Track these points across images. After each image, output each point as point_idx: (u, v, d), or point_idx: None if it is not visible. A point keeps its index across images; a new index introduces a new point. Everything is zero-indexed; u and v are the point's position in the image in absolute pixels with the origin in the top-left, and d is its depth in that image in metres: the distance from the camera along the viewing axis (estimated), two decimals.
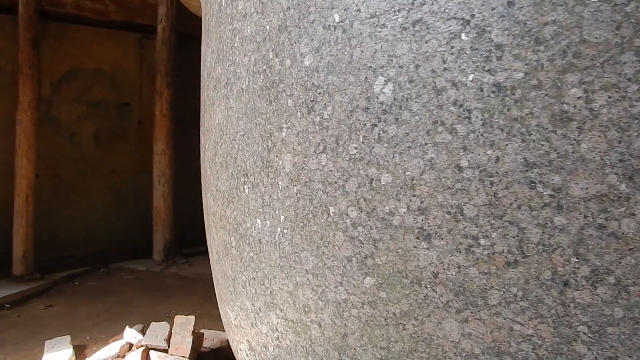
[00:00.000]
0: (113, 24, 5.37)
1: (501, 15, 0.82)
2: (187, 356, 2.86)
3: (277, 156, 1.19)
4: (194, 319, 3.04)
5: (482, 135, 0.83)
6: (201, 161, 1.85)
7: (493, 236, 0.83)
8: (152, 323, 3.20)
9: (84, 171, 5.47)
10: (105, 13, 5.28)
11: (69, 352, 3.15)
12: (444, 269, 0.89)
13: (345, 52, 1.01)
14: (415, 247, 0.91)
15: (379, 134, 0.96)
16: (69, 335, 3.36)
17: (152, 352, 2.95)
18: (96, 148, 5.55)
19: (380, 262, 0.97)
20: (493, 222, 0.83)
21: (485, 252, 0.84)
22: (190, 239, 5.85)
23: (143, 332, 3.34)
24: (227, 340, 3.12)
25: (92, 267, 5.14)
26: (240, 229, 1.40)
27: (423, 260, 0.91)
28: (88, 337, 3.57)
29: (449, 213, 0.87)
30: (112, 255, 5.44)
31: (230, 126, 1.41)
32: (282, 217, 1.19)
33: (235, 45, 1.39)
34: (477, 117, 0.84)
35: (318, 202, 1.08)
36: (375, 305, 0.99)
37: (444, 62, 0.87)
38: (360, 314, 1.02)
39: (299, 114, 1.12)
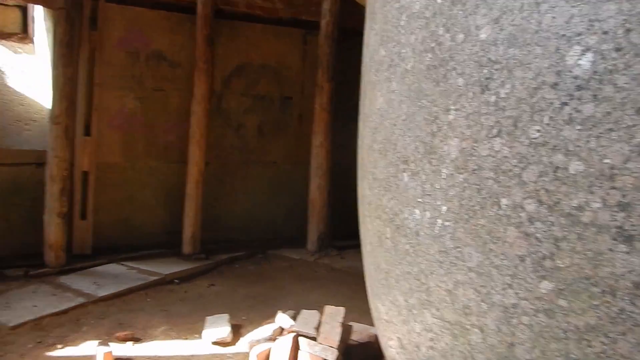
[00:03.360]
0: (280, 21, 5.63)
1: None
2: (336, 347, 2.86)
3: (442, 141, 1.09)
4: (343, 310, 3.03)
5: None
6: (358, 149, 1.81)
7: None
8: (303, 310, 3.26)
9: (247, 161, 5.81)
10: (273, 10, 5.55)
11: (227, 329, 3.36)
12: None
13: (532, 20, 0.88)
14: (610, 249, 0.76)
15: (570, 114, 0.81)
16: (227, 314, 3.58)
17: (301, 339, 3.01)
18: (259, 139, 5.86)
19: (562, 265, 0.82)
20: None
21: None
22: (342, 232, 5.93)
23: (294, 318, 3.43)
24: (376, 335, 3.07)
25: (250, 251, 5.45)
26: (397, 219, 1.32)
27: (620, 266, 0.75)
28: (244, 318, 3.76)
29: None
30: (269, 242, 5.72)
31: (391, 110, 1.34)
32: (444, 208, 1.09)
33: (401, 24, 1.31)
34: None
35: (487, 193, 0.96)
36: (553, 314, 0.85)
37: None
38: (533, 323, 0.88)
39: (470, 93, 1.00)
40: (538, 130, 0.86)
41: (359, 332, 3.15)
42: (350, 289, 4.40)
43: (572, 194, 0.80)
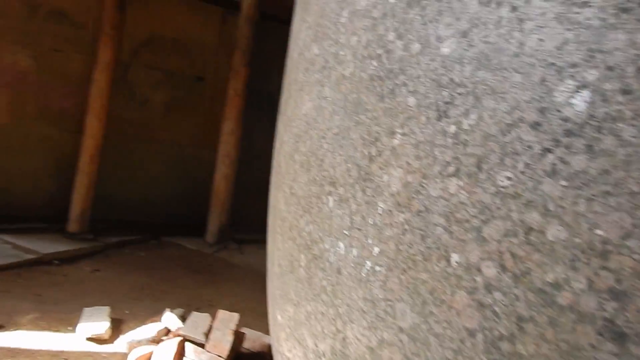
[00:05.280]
0: None
1: None
2: (225, 356, 2.63)
3: (381, 168, 0.90)
4: (237, 317, 2.81)
5: None
6: (275, 153, 1.59)
7: None
8: (193, 312, 3.00)
9: (150, 139, 5.39)
10: None
11: (105, 324, 3.01)
12: None
13: (512, 40, 0.70)
14: (593, 346, 0.60)
15: (553, 164, 0.64)
16: (108, 307, 3.22)
17: (187, 344, 2.75)
18: (165, 118, 5.45)
19: (524, 353, 0.66)
20: None
21: None
22: (245, 224, 5.68)
23: (183, 317, 3.15)
24: (269, 345, 2.88)
25: (144, 236, 5.05)
26: (315, 248, 1.12)
27: None
28: (127, 312, 3.42)
29: None
30: (165, 228, 5.33)
31: (320, 120, 1.13)
32: (377, 250, 0.90)
33: (342, 21, 1.10)
34: None
35: (434, 243, 0.78)
36: None
37: None
38: None
39: (423, 118, 0.82)
40: (509, 178, 0.68)
41: (252, 340, 2.94)
42: (247, 288, 4.17)
43: (547, 265, 0.64)
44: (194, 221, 5.45)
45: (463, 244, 0.74)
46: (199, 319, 3.03)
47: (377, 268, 0.90)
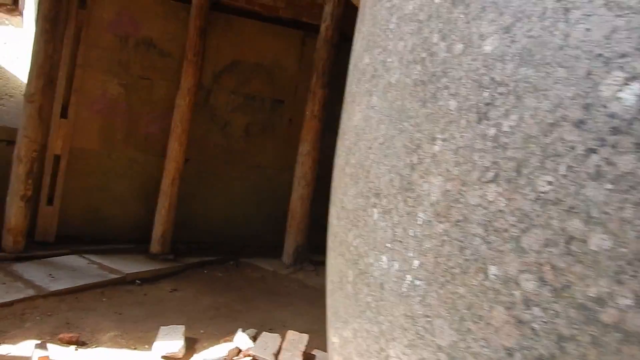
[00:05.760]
0: (279, 20, 5.39)
1: None
2: None
3: (422, 177, 0.85)
4: (307, 338, 2.79)
5: None
6: (333, 169, 1.57)
7: None
8: (264, 333, 3.02)
9: (230, 161, 5.55)
10: (273, 9, 5.31)
11: (179, 343, 3.09)
12: None
13: (557, 32, 0.64)
14: None
15: (598, 166, 0.58)
16: (183, 326, 3.31)
17: None
18: (245, 141, 5.60)
19: None
20: None
21: None
22: (323, 246, 5.67)
23: (255, 338, 3.19)
24: None
25: (222, 257, 5.18)
26: (361, 262, 1.08)
27: None
28: (202, 331, 3.49)
29: None
30: (243, 249, 5.45)
31: (368, 130, 1.10)
32: (416, 263, 0.85)
33: (390, 27, 1.08)
34: None
35: (472, 255, 0.72)
36: None
37: None
38: None
39: (463, 121, 0.77)
40: (550, 183, 0.62)
41: None
42: (321, 310, 4.12)
43: (589, 278, 0.56)
44: (271, 242, 5.52)
45: (501, 255, 0.67)
46: (269, 339, 3.05)
47: (417, 282, 0.85)
